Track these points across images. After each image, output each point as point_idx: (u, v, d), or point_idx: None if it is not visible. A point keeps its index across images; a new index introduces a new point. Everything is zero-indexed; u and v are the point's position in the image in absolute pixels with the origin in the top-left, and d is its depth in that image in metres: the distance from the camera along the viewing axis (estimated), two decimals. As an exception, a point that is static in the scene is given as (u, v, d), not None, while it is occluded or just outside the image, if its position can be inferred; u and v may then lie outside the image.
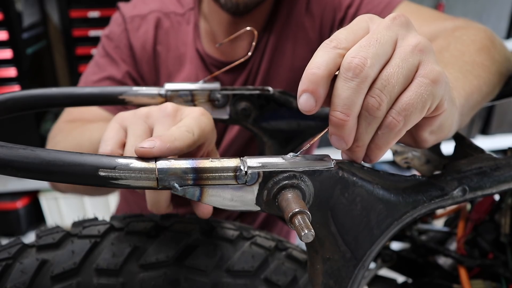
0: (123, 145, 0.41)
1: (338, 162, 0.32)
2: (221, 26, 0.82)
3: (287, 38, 0.83)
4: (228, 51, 0.84)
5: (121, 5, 0.88)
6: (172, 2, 0.86)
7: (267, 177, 0.30)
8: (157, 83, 0.86)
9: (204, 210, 0.41)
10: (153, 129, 0.41)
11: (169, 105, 0.42)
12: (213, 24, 0.83)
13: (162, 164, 0.28)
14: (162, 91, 0.49)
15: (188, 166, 0.29)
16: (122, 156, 0.28)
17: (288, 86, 0.84)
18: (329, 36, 0.33)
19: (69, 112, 0.82)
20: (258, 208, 0.31)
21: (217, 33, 0.84)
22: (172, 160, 0.29)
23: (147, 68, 0.84)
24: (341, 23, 0.82)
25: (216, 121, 0.52)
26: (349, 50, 0.31)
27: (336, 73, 0.32)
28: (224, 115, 0.51)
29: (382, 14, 0.76)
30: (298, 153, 0.32)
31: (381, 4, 0.78)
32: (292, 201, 0.29)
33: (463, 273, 0.55)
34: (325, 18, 0.83)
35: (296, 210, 0.28)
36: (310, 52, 0.34)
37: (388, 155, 0.50)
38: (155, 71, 0.85)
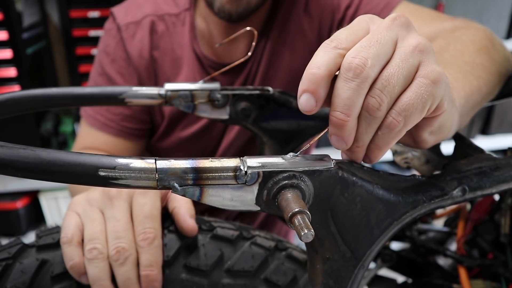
0: (82, 229, 0.43)
1: (338, 162, 0.32)
2: (218, 30, 0.82)
3: (286, 39, 0.83)
4: (226, 54, 0.84)
5: (115, 11, 0.86)
6: (167, 2, 0.85)
7: (267, 177, 0.30)
8: None
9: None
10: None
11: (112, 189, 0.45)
12: (211, 26, 0.83)
13: (162, 164, 0.28)
14: (162, 91, 0.49)
15: (188, 166, 0.29)
16: (122, 156, 0.28)
17: (287, 88, 0.83)
18: (327, 38, 0.33)
19: (83, 138, 0.85)
20: (258, 208, 0.31)
21: (215, 35, 0.83)
22: (172, 160, 0.29)
23: (146, 74, 0.83)
24: (340, 24, 0.82)
25: (216, 121, 0.52)
26: (350, 50, 0.31)
27: (337, 73, 0.32)
28: (224, 115, 0.51)
29: (381, 14, 0.76)
30: (298, 153, 0.32)
31: (380, 4, 0.78)
32: (292, 201, 0.29)
33: (463, 273, 0.55)
34: (324, 19, 0.83)
35: (296, 210, 0.28)
36: (309, 54, 0.34)
37: (388, 155, 0.50)
38: (154, 77, 0.84)
